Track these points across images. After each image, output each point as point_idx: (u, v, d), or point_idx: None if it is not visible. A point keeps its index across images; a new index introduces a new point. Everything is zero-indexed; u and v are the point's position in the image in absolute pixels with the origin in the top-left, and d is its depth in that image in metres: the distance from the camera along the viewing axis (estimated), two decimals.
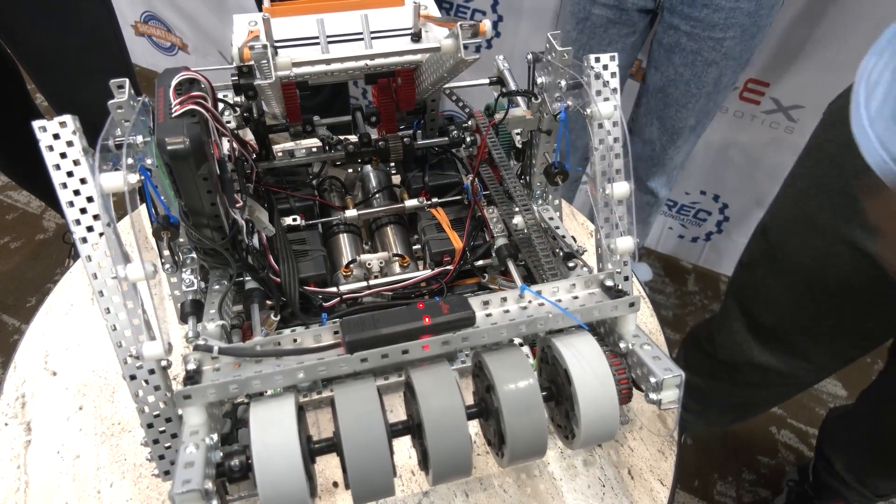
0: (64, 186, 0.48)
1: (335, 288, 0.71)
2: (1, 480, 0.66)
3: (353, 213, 0.79)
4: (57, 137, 0.48)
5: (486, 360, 0.54)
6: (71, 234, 0.49)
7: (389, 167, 0.89)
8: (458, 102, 0.84)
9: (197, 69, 0.56)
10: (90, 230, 0.49)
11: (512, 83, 0.79)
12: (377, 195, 0.84)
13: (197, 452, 0.46)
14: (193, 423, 0.49)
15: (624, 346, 0.57)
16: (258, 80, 0.58)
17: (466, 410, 0.52)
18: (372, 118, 0.79)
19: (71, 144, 0.48)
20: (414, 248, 0.80)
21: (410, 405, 0.54)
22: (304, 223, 0.76)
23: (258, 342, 0.52)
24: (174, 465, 0.49)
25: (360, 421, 0.49)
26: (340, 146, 0.78)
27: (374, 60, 0.66)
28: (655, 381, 0.52)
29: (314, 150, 0.80)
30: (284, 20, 0.66)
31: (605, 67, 0.60)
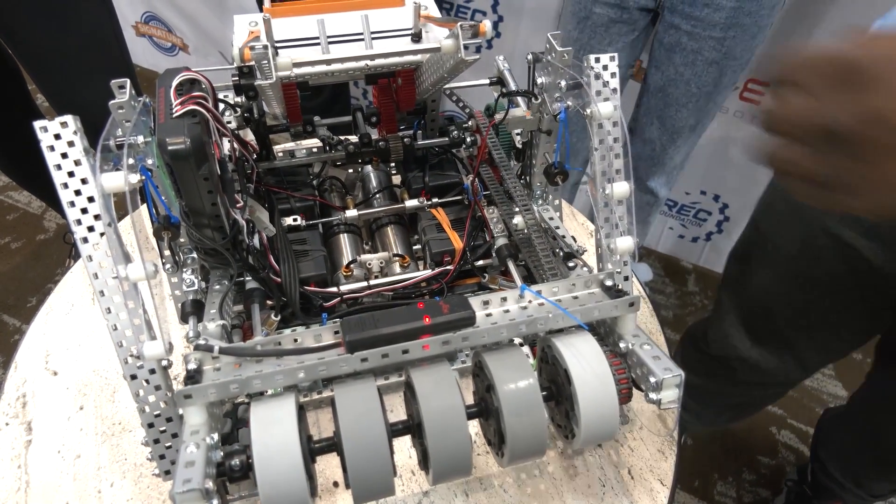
0: (65, 186, 0.48)
1: (335, 288, 0.72)
2: (2, 480, 0.66)
3: (353, 213, 0.79)
4: (58, 138, 0.48)
5: (486, 359, 0.54)
6: (72, 234, 0.49)
7: (390, 167, 0.89)
8: (458, 103, 0.84)
9: (198, 69, 0.56)
10: (91, 230, 0.49)
11: (512, 83, 0.79)
12: (377, 195, 0.84)
13: (197, 452, 0.46)
14: (194, 422, 0.49)
15: (624, 345, 0.57)
16: (259, 80, 0.58)
17: (466, 410, 0.52)
18: (372, 118, 0.79)
19: (72, 145, 0.48)
20: (414, 248, 0.81)
21: (410, 405, 0.55)
22: (304, 223, 0.76)
23: (259, 342, 0.52)
24: (175, 464, 0.49)
25: (360, 421, 0.49)
26: (341, 146, 0.78)
27: (374, 61, 0.66)
28: (655, 380, 0.52)
29: (315, 150, 0.80)
30: (285, 21, 0.66)
31: (604, 68, 0.60)
